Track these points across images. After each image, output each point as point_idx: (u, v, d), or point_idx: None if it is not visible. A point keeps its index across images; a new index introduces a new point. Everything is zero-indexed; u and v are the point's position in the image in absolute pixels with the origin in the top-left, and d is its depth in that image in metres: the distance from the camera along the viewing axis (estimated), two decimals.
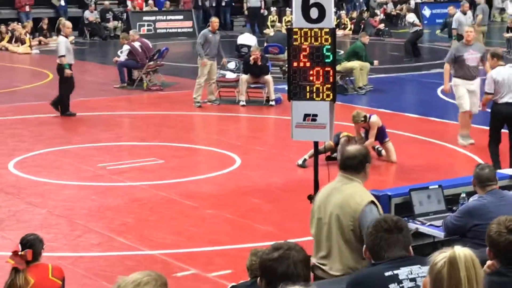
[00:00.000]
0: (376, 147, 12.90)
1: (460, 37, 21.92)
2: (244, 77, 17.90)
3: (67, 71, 16.47)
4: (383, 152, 12.89)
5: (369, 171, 5.99)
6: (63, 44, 16.52)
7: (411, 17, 26.57)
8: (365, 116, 12.74)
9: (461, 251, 3.67)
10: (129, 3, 32.80)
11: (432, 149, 13.85)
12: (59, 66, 16.63)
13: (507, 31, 26.85)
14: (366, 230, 4.53)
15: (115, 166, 12.67)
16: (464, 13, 22.19)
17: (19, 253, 5.92)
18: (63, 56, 16.41)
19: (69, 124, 15.94)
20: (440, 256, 3.70)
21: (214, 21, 18.26)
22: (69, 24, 17.59)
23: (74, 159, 13.16)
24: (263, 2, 33.15)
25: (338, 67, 17.79)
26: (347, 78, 19.40)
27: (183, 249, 9.22)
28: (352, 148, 6.11)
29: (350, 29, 33.27)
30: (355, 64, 18.95)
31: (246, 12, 33.15)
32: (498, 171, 8.17)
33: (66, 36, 16.94)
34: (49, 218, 10.32)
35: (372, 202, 5.80)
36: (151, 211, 10.59)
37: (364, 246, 4.45)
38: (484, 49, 13.91)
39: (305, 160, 12.42)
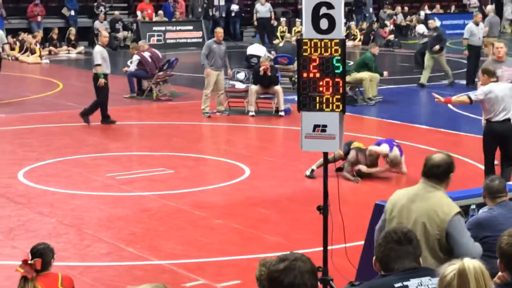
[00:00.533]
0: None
1: (470, 47, 21.95)
2: (254, 87, 17.92)
3: (101, 80, 16.58)
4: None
5: (450, 181, 6.11)
6: (98, 53, 16.63)
7: (420, 28, 26.62)
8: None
9: (471, 263, 3.66)
10: (139, 13, 32.88)
11: None
12: (94, 75, 16.67)
13: None
14: (376, 241, 4.52)
15: (125, 176, 12.69)
16: (477, 24, 22.19)
17: (29, 262, 5.93)
18: (99, 65, 16.50)
19: (79, 134, 15.97)
20: (450, 268, 3.70)
21: (219, 31, 18.29)
22: (105, 33, 17.79)
23: (84, 168, 13.18)
24: (273, 13, 33.20)
25: (348, 78, 17.77)
26: (357, 89, 19.40)
27: (192, 259, 9.21)
28: (438, 156, 6.19)
29: (359, 40, 33.28)
30: (364, 75, 18.95)
31: (255, 23, 33.19)
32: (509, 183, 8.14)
33: (103, 46, 16.98)
34: (58, 227, 10.33)
35: (459, 213, 5.88)
36: (160, 221, 10.59)
37: (374, 257, 4.44)
38: None
39: (312, 170, 12.42)
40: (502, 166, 11.55)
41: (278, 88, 17.86)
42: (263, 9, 32.92)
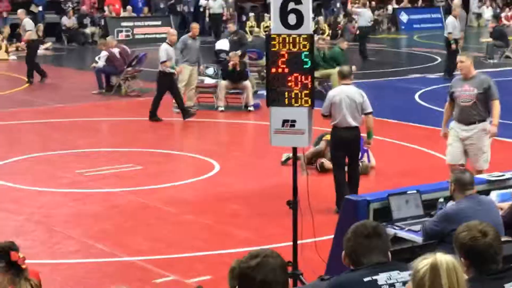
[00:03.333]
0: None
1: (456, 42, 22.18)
2: (223, 83, 17.90)
3: (177, 69, 16.86)
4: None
5: None
6: (165, 51, 16.49)
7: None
8: None
9: (443, 258, 3.69)
10: (106, 8, 32.69)
11: (410, 154, 13.91)
12: (159, 73, 16.55)
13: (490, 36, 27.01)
14: (345, 236, 4.53)
15: (93, 173, 12.62)
16: (455, 17, 22.43)
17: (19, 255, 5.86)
18: (164, 61, 16.33)
19: (47, 131, 15.86)
20: (423, 263, 3.72)
21: (195, 27, 18.27)
22: (173, 31, 17.81)
23: (52, 165, 13.09)
24: (225, 9, 33.09)
25: (316, 73, 17.83)
26: (325, 83, 19.43)
27: (162, 255, 9.18)
28: None
29: (328, 35, 33.35)
30: (333, 70, 19.00)
31: (207, 19, 33.04)
32: (476, 176, 8.22)
33: (171, 44, 16.87)
34: (26, 225, 10.25)
35: None
36: (130, 217, 10.55)
37: (343, 252, 4.45)
38: (488, 84, 10.45)
39: (288, 158, 12.29)
40: (351, 173, 10.81)
41: (247, 83, 17.85)
42: (215, 5, 32.83)
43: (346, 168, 10.78)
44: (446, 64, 22.70)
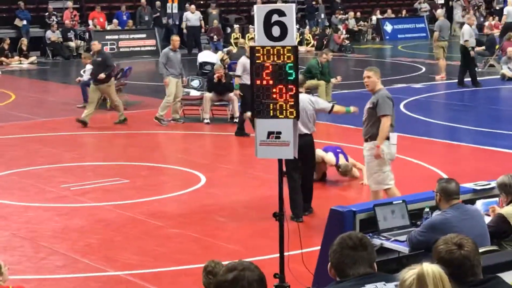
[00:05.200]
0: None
1: (467, 48, 22.38)
2: (208, 95, 17.90)
3: (236, 92, 16.89)
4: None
5: None
6: (241, 64, 16.39)
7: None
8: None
9: (430, 268, 3.69)
10: (90, 22, 32.66)
11: (395, 164, 13.89)
12: (241, 86, 16.41)
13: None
14: (331, 247, 4.52)
15: (79, 187, 12.58)
16: (471, 26, 22.70)
17: None
18: (239, 76, 16.35)
19: (32, 145, 15.80)
20: (409, 273, 3.73)
21: (175, 39, 18.27)
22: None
23: (37, 180, 13.04)
24: (202, 22, 33.09)
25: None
26: (312, 94, 19.44)
27: (148, 269, 9.16)
28: None
29: (312, 45, 33.43)
30: (320, 81, 19.05)
31: (185, 31, 33.03)
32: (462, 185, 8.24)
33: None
34: (12, 240, 10.20)
35: None
36: (116, 231, 10.51)
37: (329, 264, 4.45)
38: (377, 99, 9.99)
39: None
40: (304, 182, 10.92)
41: (232, 95, 17.86)
42: (193, 17, 32.83)
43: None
44: (462, 73, 22.79)
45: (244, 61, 16.24)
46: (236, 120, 17.66)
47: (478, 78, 22.84)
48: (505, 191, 7.43)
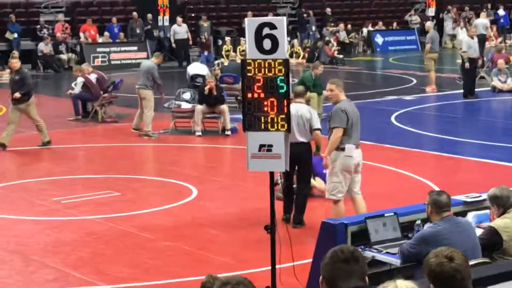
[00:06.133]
0: None
1: (471, 60, 22.45)
2: (200, 107, 17.90)
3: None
4: None
5: None
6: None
7: None
8: None
9: (404, 284, 3.71)
10: (81, 34, 32.66)
11: (387, 176, 13.94)
12: None
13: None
14: (322, 261, 4.51)
15: (70, 200, 12.54)
16: (472, 38, 22.75)
17: None
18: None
19: (23, 159, 15.77)
20: None
21: (159, 55, 18.73)
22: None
23: (28, 193, 13.00)
24: (189, 34, 33.13)
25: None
26: None
27: (140, 282, 9.13)
28: None
29: (303, 57, 33.48)
30: (313, 94, 19.07)
31: (173, 45, 33.06)
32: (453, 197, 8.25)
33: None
34: (2, 254, 10.15)
35: None
36: (107, 244, 10.48)
37: (321, 277, 4.44)
38: (331, 111, 10.39)
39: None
40: (298, 191, 11.20)
41: (224, 107, 17.86)
42: (181, 30, 32.85)
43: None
44: (465, 83, 22.83)
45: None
46: (228, 132, 17.66)
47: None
48: (496, 203, 7.43)
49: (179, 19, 33.17)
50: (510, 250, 7.10)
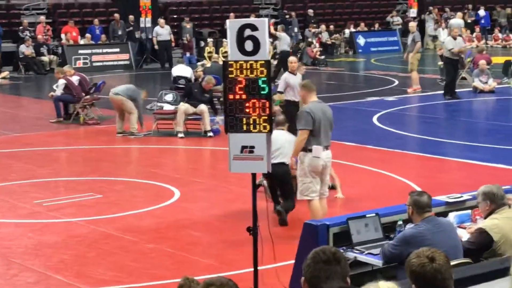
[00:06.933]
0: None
1: (449, 61, 22.47)
2: (181, 107, 17.86)
3: (274, 108, 16.21)
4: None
5: None
6: (283, 80, 16.05)
7: None
8: None
9: (385, 285, 3.73)
10: (63, 36, 32.54)
11: (369, 177, 13.98)
12: (286, 103, 16.11)
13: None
14: (304, 262, 4.53)
15: (52, 202, 12.50)
16: (454, 38, 22.73)
17: None
18: (282, 92, 16.07)
19: (4, 161, 15.69)
20: None
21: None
22: (293, 58, 17.07)
23: (10, 196, 12.94)
24: (172, 36, 33.09)
25: (279, 97, 17.89)
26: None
27: (123, 285, 9.10)
28: None
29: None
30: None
31: (156, 46, 33.01)
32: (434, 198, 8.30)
33: (293, 73, 16.16)
34: None
35: None
36: (89, 247, 10.45)
37: (302, 278, 4.45)
38: (300, 112, 10.56)
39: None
40: (283, 207, 11.34)
41: (204, 108, 17.81)
42: (163, 32, 32.81)
43: None
44: (447, 84, 22.87)
45: (286, 76, 16.10)
46: (210, 134, 17.64)
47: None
48: (490, 199, 7.34)
49: (161, 20, 33.12)
50: (499, 251, 7.09)
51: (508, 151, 15.75)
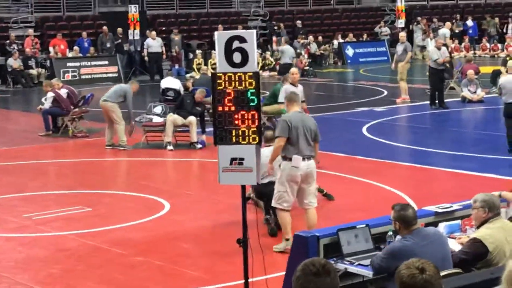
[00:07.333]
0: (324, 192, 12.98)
1: (434, 71, 22.51)
2: (170, 118, 17.84)
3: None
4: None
5: None
6: (284, 91, 15.77)
7: None
8: None
9: None
10: (51, 49, 32.50)
11: (358, 188, 13.98)
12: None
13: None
14: (294, 274, 4.51)
15: (41, 216, 12.44)
16: (439, 49, 22.80)
17: None
18: (282, 103, 15.85)
19: None
20: None
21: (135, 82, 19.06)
22: (295, 69, 17.01)
23: None
24: (163, 48, 33.13)
25: (267, 108, 17.91)
26: (274, 119, 19.47)
27: None
28: None
29: (275, 70, 33.57)
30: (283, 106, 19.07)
31: (146, 58, 33.01)
32: (424, 208, 8.30)
33: (294, 84, 15.92)
34: None
35: None
36: (78, 260, 10.40)
37: None
38: (278, 121, 11.22)
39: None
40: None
41: (192, 120, 17.80)
42: (154, 44, 32.82)
43: None
44: (435, 94, 22.87)
45: (287, 87, 15.95)
46: (199, 146, 17.63)
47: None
48: (489, 208, 7.29)
49: (153, 32, 33.14)
50: (493, 261, 7.06)
51: (497, 161, 15.78)
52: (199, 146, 17.67)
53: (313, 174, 10.38)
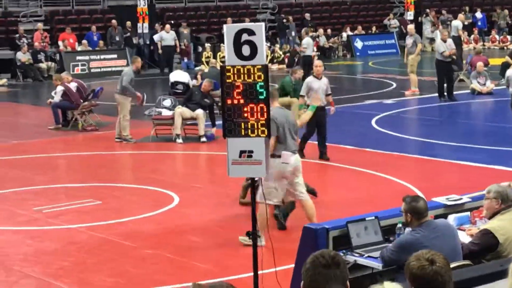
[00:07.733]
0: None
1: (440, 63, 22.44)
2: (178, 110, 17.86)
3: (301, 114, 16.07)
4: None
5: None
6: (306, 84, 15.86)
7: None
8: None
9: (391, 286, 3.72)
10: (60, 43, 32.57)
11: (368, 180, 13.98)
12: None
13: None
14: (303, 266, 4.51)
15: (52, 209, 12.49)
16: (444, 41, 22.68)
17: None
18: (303, 96, 15.73)
19: (3, 168, 15.68)
20: None
21: (139, 60, 18.84)
22: (319, 62, 16.85)
23: (9, 203, 12.94)
24: (177, 41, 33.15)
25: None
26: None
27: None
28: None
29: (283, 63, 33.56)
30: (293, 99, 19.04)
31: (160, 51, 33.03)
32: (434, 199, 8.30)
33: (317, 77, 15.97)
34: None
35: None
36: (89, 253, 10.44)
37: (302, 282, 4.44)
38: None
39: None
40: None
41: (199, 113, 17.80)
42: (168, 37, 32.85)
43: None
44: (444, 85, 22.82)
45: (310, 80, 15.97)
46: (203, 139, 17.65)
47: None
48: (503, 199, 7.30)
49: (167, 26, 33.20)
50: (504, 253, 7.07)
51: (506, 153, 15.75)
52: (203, 139, 17.65)
53: (300, 167, 10.54)
